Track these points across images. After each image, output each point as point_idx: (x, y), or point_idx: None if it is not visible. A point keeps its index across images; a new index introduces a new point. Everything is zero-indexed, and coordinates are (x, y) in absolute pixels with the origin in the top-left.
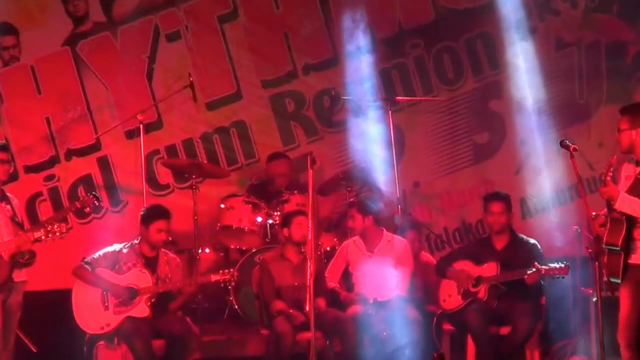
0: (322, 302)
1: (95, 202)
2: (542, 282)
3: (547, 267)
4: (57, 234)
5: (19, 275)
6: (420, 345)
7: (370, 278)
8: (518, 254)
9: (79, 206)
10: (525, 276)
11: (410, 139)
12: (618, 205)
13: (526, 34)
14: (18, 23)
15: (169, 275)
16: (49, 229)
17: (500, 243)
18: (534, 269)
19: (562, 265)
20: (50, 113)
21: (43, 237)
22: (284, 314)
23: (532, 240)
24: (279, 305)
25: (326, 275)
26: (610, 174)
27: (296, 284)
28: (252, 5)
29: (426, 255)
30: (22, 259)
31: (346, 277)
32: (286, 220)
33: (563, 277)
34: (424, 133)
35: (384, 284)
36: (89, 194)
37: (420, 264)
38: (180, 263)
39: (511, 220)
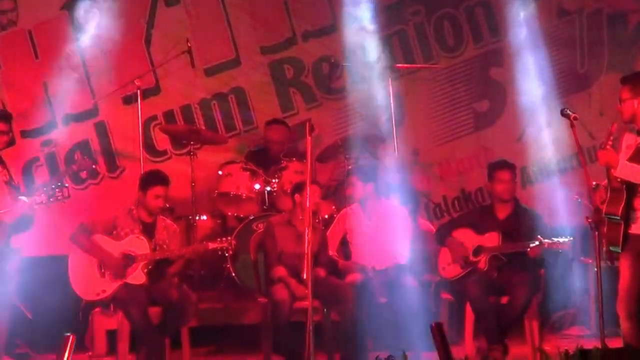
0: (321, 271)
1: (92, 165)
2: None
3: (550, 241)
4: (60, 198)
5: (15, 242)
6: (419, 313)
7: (368, 246)
8: (521, 225)
9: (75, 169)
10: (528, 249)
11: (410, 106)
12: (618, 172)
13: (527, 1)
14: None
15: (167, 241)
16: (50, 193)
17: (503, 212)
18: (537, 242)
19: (565, 240)
20: (48, 78)
21: (44, 203)
22: (284, 281)
23: (536, 211)
24: (280, 271)
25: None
26: (610, 142)
27: (298, 251)
28: None
29: (425, 223)
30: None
31: (344, 245)
32: (299, 187)
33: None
34: (423, 101)
35: (382, 252)
36: (85, 157)
37: (418, 231)
38: (177, 230)
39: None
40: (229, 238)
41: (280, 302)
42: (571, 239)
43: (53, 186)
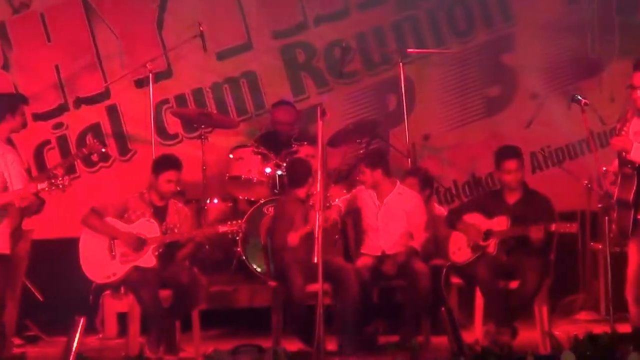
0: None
1: (102, 148)
2: (552, 238)
3: (557, 226)
4: (60, 186)
5: (26, 224)
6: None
7: (378, 229)
8: (530, 209)
9: (85, 152)
10: (534, 232)
11: (421, 91)
12: (633, 155)
13: None
14: None
15: (178, 225)
16: (52, 181)
17: (512, 197)
18: (542, 226)
19: (571, 224)
20: (60, 61)
21: (46, 189)
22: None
23: (545, 195)
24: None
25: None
26: (626, 128)
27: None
28: None
29: (438, 208)
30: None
31: (356, 228)
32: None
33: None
34: (434, 86)
35: (392, 236)
36: (95, 140)
37: (431, 215)
38: (189, 213)
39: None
40: (239, 221)
41: (291, 286)
42: (576, 222)
43: (57, 175)
